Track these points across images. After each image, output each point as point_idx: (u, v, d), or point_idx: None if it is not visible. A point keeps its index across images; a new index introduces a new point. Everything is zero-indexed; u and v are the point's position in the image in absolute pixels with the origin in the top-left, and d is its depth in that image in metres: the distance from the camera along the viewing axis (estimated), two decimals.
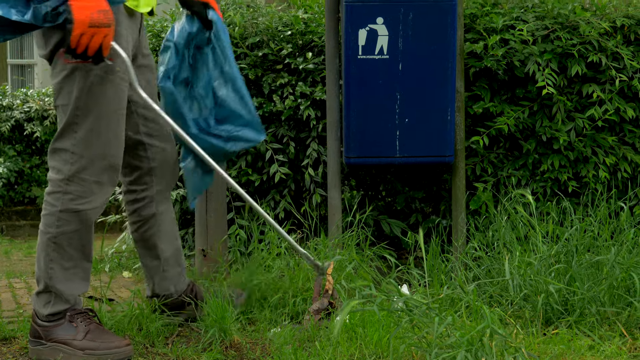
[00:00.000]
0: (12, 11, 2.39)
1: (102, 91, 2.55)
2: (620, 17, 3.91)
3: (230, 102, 2.85)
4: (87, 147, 2.56)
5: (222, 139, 2.86)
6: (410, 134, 3.68)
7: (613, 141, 3.92)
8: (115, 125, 2.62)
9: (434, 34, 3.63)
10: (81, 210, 2.58)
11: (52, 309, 2.61)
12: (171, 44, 2.78)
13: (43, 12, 2.38)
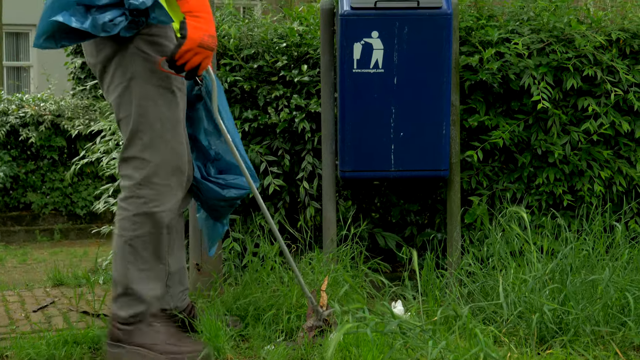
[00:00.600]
0: (73, 19, 2.50)
1: (161, 98, 2.67)
2: (616, 31, 3.91)
3: (225, 154, 3.00)
4: (155, 152, 2.68)
5: (219, 186, 2.98)
6: (405, 148, 3.67)
7: (608, 155, 3.91)
8: (178, 130, 2.73)
9: (429, 48, 3.62)
10: (154, 212, 2.68)
11: (131, 310, 2.69)
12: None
13: (101, 22, 2.50)
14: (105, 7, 2.55)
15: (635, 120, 3.96)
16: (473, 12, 3.98)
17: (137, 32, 2.63)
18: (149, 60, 2.66)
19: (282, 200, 4.05)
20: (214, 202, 3.01)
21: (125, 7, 2.55)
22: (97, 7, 2.55)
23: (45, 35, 2.56)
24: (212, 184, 2.99)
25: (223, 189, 2.99)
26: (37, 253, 7.71)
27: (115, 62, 2.68)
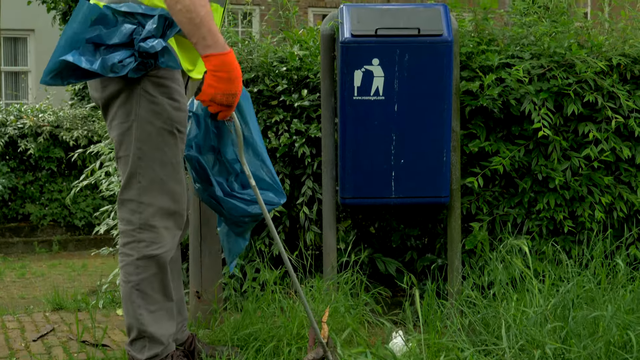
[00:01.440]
0: (82, 59, 2.50)
1: (161, 140, 2.66)
2: (617, 56, 3.90)
3: (252, 167, 2.94)
4: (153, 196, 2.67)
5: (244, 202, 2.95)
6: (405, 175, 3.66)
7: (609, 181, 3.91)
8: (177, 172, 2.72)
9: (430, 75, 3.61)
10: (156, 254, 2.68)
11: (148, 352, 2.70)
12: (191, 114, 2.91)
13: (110, 62, 2.49)
14: (115, 47, 2.55)
15: (635, 146, 3.95)
16: (474, 37, 3.97)
17: (145, 74, 2.62)
18: (155, 102, 2.66)
19: (282, 224, 4.04)
20: (238, 218, 3.00)
21: (135, 48, 2.55)
22: (107, 46, 2.55)
23: (53, 72, 2.55)
24: (237, 200, 2.97)
25: (248, 205, 2.97)
26: (35, 266, 7.70)
27: (120, 101, 2.68)
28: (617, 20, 4.46)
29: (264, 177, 2.99)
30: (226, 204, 2.94)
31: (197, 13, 2.48)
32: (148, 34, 2.55)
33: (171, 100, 2.70)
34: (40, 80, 2.62)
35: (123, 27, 2.56)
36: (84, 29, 2.55)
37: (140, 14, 2.59)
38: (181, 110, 2.74)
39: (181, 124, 2.74)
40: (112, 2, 2.64)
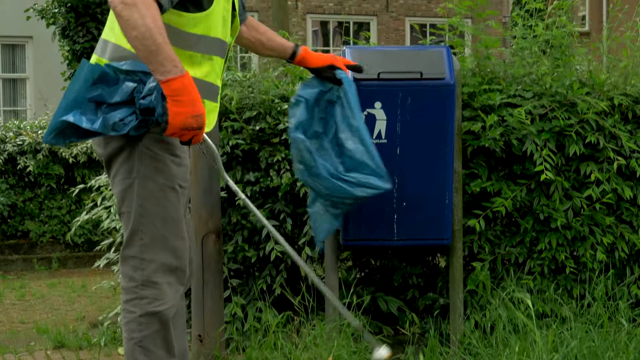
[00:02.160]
0: (83, 119, 2.52)
1: (163, 197, 2.68)
2: (618, 95, 3.91)
3: (358, 153, 3.12)
4: (155, 253, 2.68)
5: (351, 184, 3.11)
6: (408, 217, 3.66)
7: (611, 221, 3.91)
8: (179, 228, 2.73)
9: (432, 117, 3.60)
10: (159, 311, 2.68)
11: None
12: (302, 99, 3.12)
13: (111, 122, 2.52)
14: (116, 105, 2.56)
15: (637, 185, 3.96)
16: (476, 77, 3.97)
17: (147, 131, 2.63)
18: (156, 159, 2.66)
19: (283, 263, 4.04)
20: (341, 199, 3.16)
21: (136, 106, 2.55)
22: (109, 104, 2.56)
23: (55, 132, 2.57)
24: (343, 182, 3.10)
25: (354, 188, 3.11)
26: (35, 285, 7.69)
27: (122, 158, 2.69)
28: (617, 30, 4.44)
29: (369, 162, 3.14)
30: (331, 184, 3.09)
31: (154, 40, 2.44)
32: (149, 92, 2.56)
33: (173, 156, 2.71)
34: (42, 139, 2.63)
35: (124, 85, 2.57)
36: (86, 88, 2.56)
37: (141, 72, 2.59)
38: (182, 166, 2.75)
39: (182, 180, 2.75)
40: (114, 60, 2.65)
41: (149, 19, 2.43)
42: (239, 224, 4.05)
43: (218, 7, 2.72)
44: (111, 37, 2.70)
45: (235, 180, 4.01)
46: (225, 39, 2.80)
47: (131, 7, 2.41)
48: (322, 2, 19.00)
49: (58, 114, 2.55)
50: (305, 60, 3.23)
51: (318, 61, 3.23)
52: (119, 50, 2.67)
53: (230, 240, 4.04)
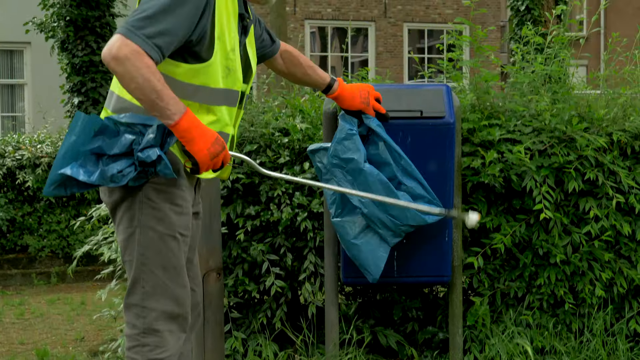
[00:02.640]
0: (81, 171, 2.55)
1: (164, 246, 2.69)
2: (617, 131, 3.92)
3: (415, 189, 3.37)
4: (156, 300, 2.70)
5: (421, 212, 3.33)
6: (408, 255, 3.68)
7: (609, 257, 3.93)
8: (180, 276, 2.74)
9: (432, 155, 3.62)
10: (160, 359, 2.70)
11: None
12: (355, 132, 3.31)
13: (110, 173, 2.55)
14: (116, 157, 2.58)
15: (636, 221, 3.98)
16: (476, 113, 3.98)
17: (146, 181, 2.65)
18: (156, 208, 2.68)
19: (284, 296, 4.05)
20: (409, 228, 3.38)
21: (135, 158, 2.57)
22: (109, 155, 2.58)
23: (55, 184, 2.59)
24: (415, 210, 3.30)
25: (424, 215, 3.34)
26: (34, 302, 7.69)
27: (123, 207, 2.71)
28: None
29: (424, 194, 3.38)
30: (409, 213, 3.32)
31: (153, 87, 2.47)
32: (147, 144, 2.58)
33: (173, 205, 2.72)
34: (43, 191, 2.64)
35: (123, 137, 2.59)
36: (86, 140, 2.58)
37: (140, 124, 2.61)
38: (183, 214, 2.76)
39: (183, 228, 2.76)
40: (116, 112, 2.67)
41: (144, 69, 2.46)
42: (239, 257, 4.06)
43: (219, 58, 2.72)
44: (115, 89, 2.73)
45: (236, 214, 4.02)
46: (233, 88, 2.80)
47: (124, 61, 2.45)
48: (320, 8, 19.00)
49: (56, 167, 2.57)
50: (338, 99, 3.35)
51: (350, 104, 3.34)
52: (121, 102, 2.69)
53: (230, 274, 4.06)
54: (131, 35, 2.46)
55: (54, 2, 9.25)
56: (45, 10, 9.36)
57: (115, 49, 2.44)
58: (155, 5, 2.51)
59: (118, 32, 2.47)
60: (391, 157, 3.36)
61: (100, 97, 9.26)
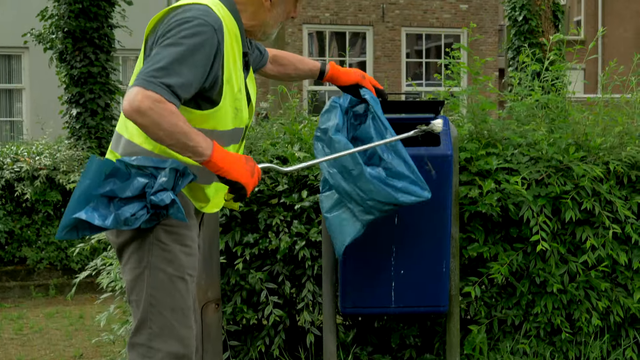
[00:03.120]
0: (95, 215, 2.55)
1: (173, 287, 2.71)
2: (614, 161, 3.94)
3: (396, 165, 3.18)
4: (163, 341, 2.71)
5: (395, 189, 3.15)
6: (405, 285, 3.69)
7: (606, 286, 3.95)
8: (187, 317, 2.76)
9: (430, 186, 3.63)
10: None
11: None
12: (337, 104, 3.24)
13: (123, 217, 2.56)
14: (128, 199, 2.60)
15: (632, 249, 4.00)
16: (474, 143, 4.00)
17: (157, 223, 2.67)
18: (167, 249, 2.70)
19: (282, 324, 4.07)
20: (377, 204, 3.16)
21: (147, 201, 2.60)
22: (120, 198, 2.60)
23: (68, 228, 2.60)
24: (387, 186, 3.14)
25: (397, 192, 3.15)
26: (32, 315, 7.70)
27: (132, 247, 2.73)
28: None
29: (407, 173, 3.19)
30: (375, 187, 3.10)
31: (181, 131, 2.50)
32: (160, 187, 2.60)
33: (183, 246, 2.75)
34: (56, 236, 2.66)
35: (135, 180, 2.61)
36: (98, 183, 2.60)
37: (152, 167, 2.64)
38: (192, 255, 2.79)
39: (192, 269, 2.79)
40: (126, 155, 2.69)
41: (169, 116, 2.48)
42: (237, 285, 4.08)
43: (228, 101, 2.74)
44: (124, 133, 2.74)
45: (234, 242, 4.04)
46: (240, 126, 2.84)
47: (148, 112, 2.46)
48: (319, 13, 19.01)
49: (70, 210, 2.58)
50: (333, 78, 3.31)
51: (346, 79, 3.30)
52: (131, 146, 2.71)
53: (229, 302, 4.07)
54: (149, 85, 2.47)
55: (52, 14, 9.25)
56: (43, 21, 9.36)
57: (137, 102, 2.45)
58: (169, 56, 2.53)
59: (135, 85, 2.48)
60: (375, 130, 3.22)
61: (99, 108, 9.26)
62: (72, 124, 9.33)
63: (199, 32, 2.60)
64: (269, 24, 2.89)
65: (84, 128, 9.26)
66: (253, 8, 2.85)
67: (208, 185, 2.84)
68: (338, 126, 3.16)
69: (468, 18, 19.90)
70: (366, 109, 3.30)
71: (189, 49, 2.56)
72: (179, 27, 2.59)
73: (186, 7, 2.70)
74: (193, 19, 2.63)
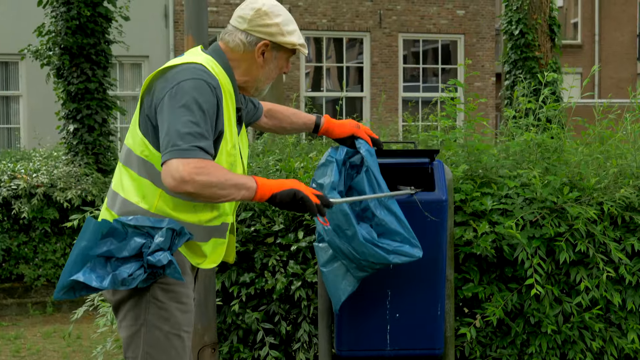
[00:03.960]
0: (93, 277, 2.60)
1: (169, 344, 2.74)
2: (608, 202, 3.96)
3: (388, 221, 3.22)
4: None
5: (385, 251, 3.19)
6: (400, 328, 3.72)
7: (599, 327, 3.97)
8: None
9: (425, 231, 3.66)
10: None
11: None
12: (333, 159, 3.25)
13: (120, 278, 2.60)
14: (125, 259, 2.62)
15: (626, 290, 4.02)
16: (468, 185, 4.02)
17: (154, 281, 2.69)
18: (163, 307, 2.73)
19: None
20: (370, 264, 3.23)
21: (144, 260, 2.62)
22: (116, 258, 2.62)
23: (66, 289, 2.64)
24: (378, 248, 3.18)
25: (389, 254, 3.20)
26: (29, 334, 7.72)
27: (129, 305, 2.75)
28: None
29: (400, 230, 3.23)
30: (367, 249, 3.15)
31: (227, 179, 2.58)
32: (156, 247, 2.63)
33: (179, 304, 2.78)
34: (53, 296, 2.69)
35: (132, 240, 2.64)
36: (94, 243, 2.63)
37: (149, 227, 2.66)
38: (188, 312, 2.81)
39: (188, 326, 2.82)
40: (122, 214, 2.71)
41: (213, 172, 2.55)
42: (234, 324, 4.10)
43: (224, 157, 2.77)
44: (120, 191, 2.77)
45: (231, 282, 4.06)
46: None
47: (194, 177, 2.52)
48: (316, 19, 19.00)
49: (67, 272, 2.61)
50: (328, 131, 3.34)
51: (340, 132, 3.33)
52: (127, 205, 2.74)
53: (225, 341, 4.10)
54: (183, 154, 2.53)
55: (49, 30, 9.25)
56: (40, 36, 9.36)
57: (180, 173, 2.52)
58: (185, 121, 2.58)
59: (168, 159, 2.54)
60: (369, 185, 3.26)
61: (96, 124, 9.26)
62: (69, 140, 9.34)
63: (202, 92, 2.64)
64: (261, 80, 2.92)
65: (81, 144, 9.26)
66: (246, 64, 2.87)
67: (206, 242, 2.86)
68: (334, 184, 3.19)
69: (465, 24, 19.91)
70: (362, 159, 3.32)
71: (199, 110, 2.61)
72: (182, 89, 2.63)
73: (183, 66, 2.73)
74: (192, 79, 2.66)
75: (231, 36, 2.86)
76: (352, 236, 3.16)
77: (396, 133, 13.59)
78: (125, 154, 2.80)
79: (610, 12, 26.79)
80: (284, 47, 2.87)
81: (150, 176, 2.71)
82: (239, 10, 2.88)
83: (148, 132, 2.70)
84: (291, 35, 2.86)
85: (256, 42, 2.84)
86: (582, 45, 26.41)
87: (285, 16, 2.86)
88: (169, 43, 17.91)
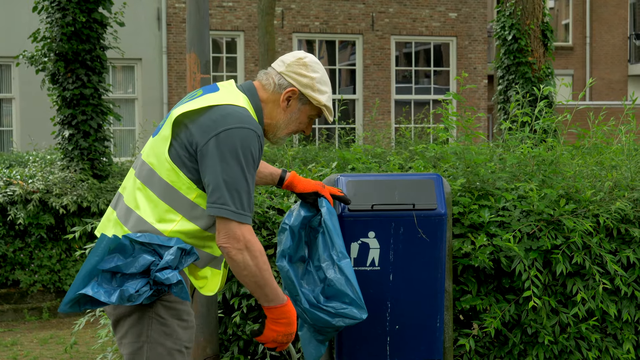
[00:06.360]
0: (101, 292, 2.65)
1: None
2: (604, 214, 4.03)
3: (337, 283, 3.23)
4: None
5: (330, 314, 3.23)
6: (400, 340, 3.77)
7: (595, 337, 4.04)
8: None
9: (424, 245, 3.71)
10: None
11: None
12: (287, 227, 3.24)
13: (127, 294, 2.65)
14: (132, 275, 2.66)
15: (622, 300, 4.09)
16: (466, 198, 4.07)
17: (157, 298, 2.74)
18: (165, 324, 2.78)
19: None
20: (321, 327, 3.28)
21: (151, 277, 2.67)
22: (123, 273, 2.67)
23: (72, 302, 2.68)
24: (322, 311, 3.22)
25: (333, 318, 3.24)
26: (26, 341, 7.74)
27: (130, 321, 2.79)
28: None
29: (348, 292, 3.23)
30: (311, 314, 3.21)
31: (262, 276, 2.73)
32: (165, 265, 2.67)
33: (180, 321, 2.82)
34: (59, 309, 2.73)
35: (141, 257, 2.69)
36: (102, 258, 2.67)
37: (157, 244, 2.71)
38: (189, 328, 2.86)
39: (189, 342, 2.86)
40: (134, 231, 2.75)
41: (260, 261, 2.71)
42: (234, 335, 4.14)
43: None
44: (135, 209, 2.80)
45: (232, 293, 4.10)
46: None
47: (243, 251, 2.68)
48: (308, 22, 19.06)
49: (76, 286, 2.65)
50: (292, 185, 3.35)
51: (304, 188, 3.34)
52: (143, 224, 2.78)
53: (226, 351, 4.14)
54: (240, 217, 2.68)
55: (44, 36, 9.27)
56: (35, 42, 9.38)
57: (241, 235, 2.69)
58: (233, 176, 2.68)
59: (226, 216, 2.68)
60: (324, 246, 3.28)
61: (91, 130, 9.27)
62: (65, 146, 9.35)
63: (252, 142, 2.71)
64: (280, 126, 2.96)
65: (76, 150, 9.28)
66: (271, 106, 2.93)
67: (201, 268, 2.92)
68: (284, 252, 3.24)
69: (457, 26, 20.00)
70: (320, 221, 3.32)
71: (252, 162, 2.71)
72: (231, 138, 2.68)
73: (228, 109, 2.76)
74: (241, 128, 2.71)
75: (267, 75, 2.94)
76: (299, 301, 3.24)
77: (389, 136, 13.65)
78: (146, 173, 2.81)
79: (602, 14, 26.93)
80: (311, 102, 2.91)
81: (172, 202, 2.76)
82: (283, 55, 2.96)
83: (183, 163, 2.74)
84: (321, 94, 2.91)
85: (286, 86, 2.90)
86: (573, 47, 26.54)
87: (322, 76, 2.92)
88: (161, 45, 17.94)
